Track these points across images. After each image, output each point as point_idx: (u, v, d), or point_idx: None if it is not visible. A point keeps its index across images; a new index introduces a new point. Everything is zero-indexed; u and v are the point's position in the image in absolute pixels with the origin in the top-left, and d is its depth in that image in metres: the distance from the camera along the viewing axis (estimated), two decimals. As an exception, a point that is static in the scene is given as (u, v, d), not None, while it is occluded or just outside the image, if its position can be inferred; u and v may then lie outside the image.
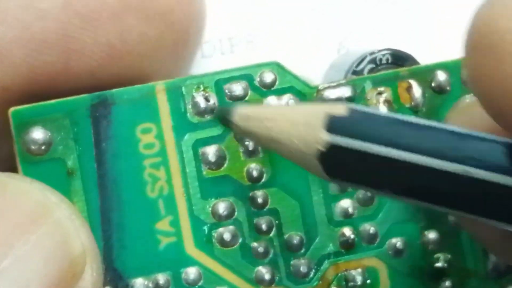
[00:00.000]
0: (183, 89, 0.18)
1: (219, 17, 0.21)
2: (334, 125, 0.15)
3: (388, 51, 0.19)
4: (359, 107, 0.15)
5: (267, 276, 0.18)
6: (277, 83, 0.18)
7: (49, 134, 0.17)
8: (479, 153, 0.14)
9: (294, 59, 0.22)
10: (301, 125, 0.15)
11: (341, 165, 0.15)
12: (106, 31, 0.18)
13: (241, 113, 0.16)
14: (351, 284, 0.18)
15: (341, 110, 0.15)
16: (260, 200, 0.18)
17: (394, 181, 0.15)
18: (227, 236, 0.18)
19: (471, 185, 0.14)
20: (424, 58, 0.19)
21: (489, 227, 0.16)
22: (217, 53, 0.22)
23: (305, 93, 0.18)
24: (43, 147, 0.17)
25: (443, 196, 0.15)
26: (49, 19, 0.17)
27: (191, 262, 0.18)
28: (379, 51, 0.19)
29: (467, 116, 0.17)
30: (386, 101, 0.18)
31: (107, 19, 0.18)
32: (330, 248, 0.18)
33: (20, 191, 0.16)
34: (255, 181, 0.18)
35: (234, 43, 0.22)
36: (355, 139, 0.15)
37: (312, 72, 0.22)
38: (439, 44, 0.22)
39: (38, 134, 0.17)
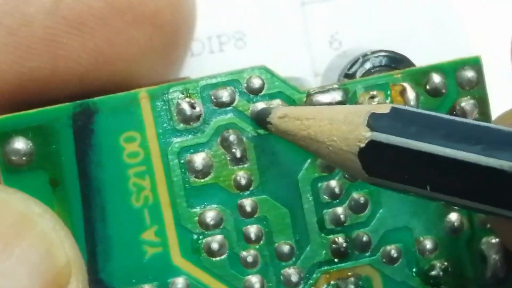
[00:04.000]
0: (168, 96, 0.19)
1: (208, 14, 0.23)
2: (375, 122, 0.16)
3: (382, 53, 0.20)
4: (402, 106, 0.17)
5: (256, 286, 0.19)
6: (265, 88, 0.19)
7: (31, 144, 0.18)
8: None
9: (285, 54, 0.23)
10: (341, 122, 0.17)
11: (381, 162, 0.16)
12: (94, 36, 0.19)
13: (280, 113, 0.18)
14: (343, 293, 0.20)
15: (383, 109, 0.16)
16: (248, 209, 0.19)
17: (436, 178, 0.16)
18: (215, 246, 0.19)
19: None
20: (419, 49, 0.21)
21: None
22: (206, 51, 0.23)
23: (295, 99, 0.19)
24: (24, 158, 0.18)
25: (487, 193, 0.15)
26: (35, 25, 0.19)
27: (178, 272, 0.19)
28: (373, 53, 0.20)
29: None
30: (379, 105, 0.20)
31: (95, 23, 0.19)
32: (322, 256, 0.20)
33: (2, 202, 0.18)
34: (243, 189, 0.19)
35: (223, 41, 0.23)
36: (396, 136, 0.16)
37: (304, 67, 0.23)
38: (433, 39, 0.23)
39: (19, 144, 0.18)
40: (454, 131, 0.16)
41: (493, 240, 0.20)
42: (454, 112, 0.19)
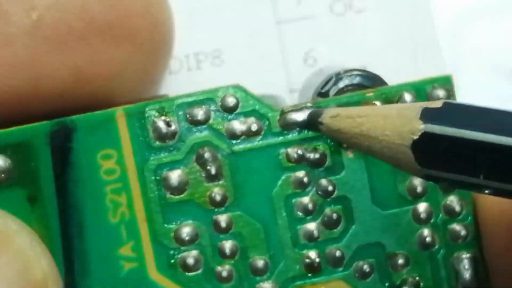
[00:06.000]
0: (144, 114, 0.20)
1: (185, 33, 0.23)
2: (428, 115, 0.17)
3: (355, 72, 0.21)
4: (454, 101, 0.18)
5: (231, 301, 0.20)
6: (239, 106, 0.20)
7: (9, 162, 0.19)
8: None
9: (261, 72, 0.24)
10: (394, 117, 0.18)
11: (434, 154, 0.17)
12: (74, 55, 0.20)
13: (332, 113, 0.19)
14: (317, 307, 0.21)
15: (436, 104, 0.17)
16: (223, 224, 0.20)
17: (489, 166, 0.17)
18: (190, 261, 0.20)
19: None
20: (394, 66, 0.22)
21: None
22: (184, 69, 0.24)
23: (268, 117, 0.20)
24: (2, 175, 0.19)
25: None
26: (17, 44, 0.20)
27: (155, 287, 0.20)
28: (346, 71, 0.21)
29: None
30: (352, 122, 0.21)
31: (75, 42, 0.20)
32: (296, 271, 0.20)
33: None
34: (218, 205, 0.20)
35: (200, 59, 0.24)
36: (449, 126, 0.17)
37: (280, 83, 0.24)
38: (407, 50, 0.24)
39: (-2, 161, 0.19)
40: (507, 120, 0.17)
41: (464, 255, 0.21)
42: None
